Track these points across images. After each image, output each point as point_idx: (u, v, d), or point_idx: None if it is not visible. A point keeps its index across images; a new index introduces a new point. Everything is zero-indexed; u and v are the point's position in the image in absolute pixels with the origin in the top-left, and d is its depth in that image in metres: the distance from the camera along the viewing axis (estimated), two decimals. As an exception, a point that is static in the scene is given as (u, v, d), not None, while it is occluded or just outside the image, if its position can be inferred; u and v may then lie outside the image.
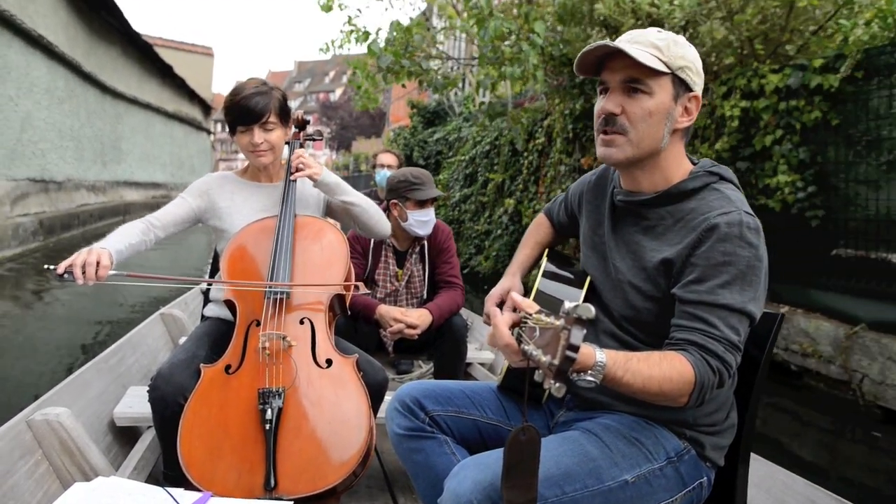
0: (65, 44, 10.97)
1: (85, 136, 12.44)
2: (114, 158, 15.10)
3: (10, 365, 4.80)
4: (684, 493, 1.21)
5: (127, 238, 1.76)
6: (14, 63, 8.90)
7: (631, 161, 1.22)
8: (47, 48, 10.04)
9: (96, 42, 13.14)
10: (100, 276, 1.56)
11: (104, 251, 1.60)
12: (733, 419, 1.29)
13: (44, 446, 1.72)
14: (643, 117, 1.18)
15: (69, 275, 1.54)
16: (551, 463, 1.12)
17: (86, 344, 5.47)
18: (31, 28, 9.24)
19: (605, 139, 1.22)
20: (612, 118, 1.19)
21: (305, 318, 1.74)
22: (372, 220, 2.02)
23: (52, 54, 10.31)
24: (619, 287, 1.28)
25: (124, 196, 14.93)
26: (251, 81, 1.92)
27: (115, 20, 13.46)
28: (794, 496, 1.62)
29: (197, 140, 26.03)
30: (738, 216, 1.13)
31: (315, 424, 1.55)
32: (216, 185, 2.02)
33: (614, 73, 1.19)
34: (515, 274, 1.56)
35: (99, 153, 13.72)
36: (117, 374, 2.35)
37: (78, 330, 5.96)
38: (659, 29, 1.20)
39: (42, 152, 10.05)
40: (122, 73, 15.79)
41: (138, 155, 17.28)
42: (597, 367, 0.99)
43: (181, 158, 23.02)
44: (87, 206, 12.20)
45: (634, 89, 1.17)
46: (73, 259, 1.55)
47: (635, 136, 1.19)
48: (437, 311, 2.46)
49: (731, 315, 1.11)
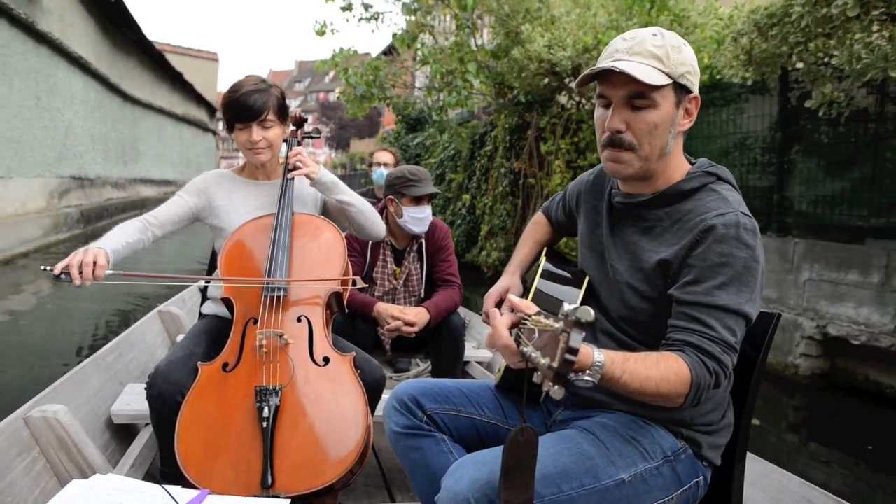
0: (94, 59, 12.71)
1: (110, 139, 14.51)
2: (132, 158, 16.98)
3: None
4: (681, 492, 1.21)
5: (124, 237, 1.76)
6: (60, 80, 10.74)
7: (639, 174, 1.22)
8: (83, 65, 11.91)
9: (118, 54, 15.03)
10: (97, 277, 1.55)
11: (100, 251, 1.59)
12: (730, 419, 1.29)
13: (41, 443, 1.72)
14: (649, 131, 1.16)
15: (66, 275, 1.53)
16: (548, 461, 1.12)
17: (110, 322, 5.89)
18: (72, 50, 11.08)
19: (613, 155, 1.20)
20: (619, 136, 1.17)
21: (303, 315, 1.74)
22: (367, 221, 2.02)
23: (86, 70, 12.19)
24: (616, 287, 1.28)
25: (140, 192, 16.68)
26: (250, 79, 1.91)
27: (133, 34, 15.07)
28: (790, 495, 1.63)
29: (203, 140, 28.00)
30: (734, 217, 1.13)
31: (312, 422, 1.55)
32: (213, 183, 2.01)
33: (616, 88, 1.16)
34: (515, 273, 1.56)
35: (120, 154, 15.65)
36: (114, 371, 2.35)
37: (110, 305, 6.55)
38: (654, 32, 1.17)
39: (80, 154, 11.98)
40: (138, 81, 17.50)
41: (152, 155, 19.20)
42: (595, 367, 0.99)
43: (189, 157, 24.77)
44: (112, 200, 14.15)
45: (638, 105, 1.15)
46: (69, 259, 1.54)
47: (643, 151, 1.18)
48: (435, 310, 2.46)
49: (728, 316, 1.11)
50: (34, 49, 9.57)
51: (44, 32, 9.68)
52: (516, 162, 8.22)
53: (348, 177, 22.65)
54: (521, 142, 8.22)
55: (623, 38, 1.19)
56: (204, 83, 30.21)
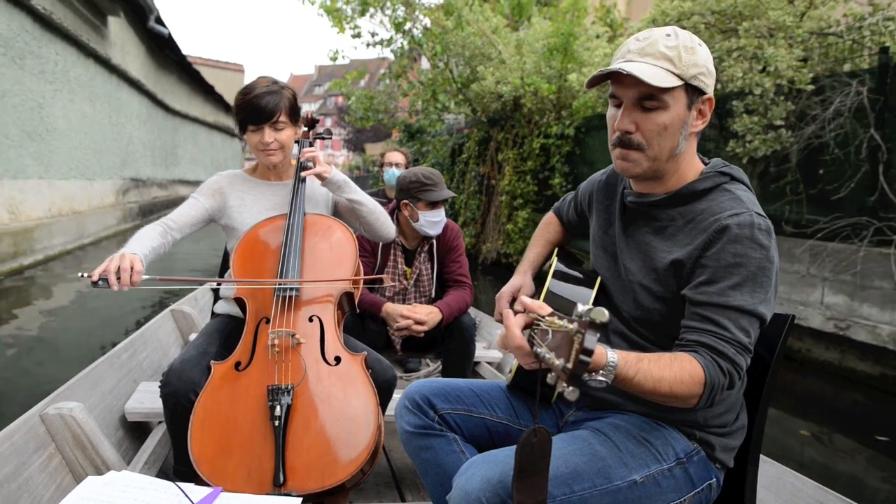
0: (145, 79, 15.44)
1: (156, 147, 17.31)
2: (172, 162, 19.90)
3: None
4: (693, 494, 1.20)
5: (149, 242, 1.77)
6: (124, 101, 13.74)
7: (648, 173, 1.21)
8: (138, 86, 14.76)
9: (161, 73, 17.74)
10: (134, 282, 1.56)
11: (135, 256, 1.61)
12: (743, 421, 1.28)
13: (57, 440, 1.74)
14: (659, 132, 1.16)
15: (104, 281, 1.54)
16: (560, 462, 1.12)
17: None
18: (132, 75, 14.00)
19: (622, 154, 1.20)
20: (628, 137, 1.17)
21: (315, 315, 1.75)
22: (377, 221, 2.03)
23: (140, 89, 15.03)
24: (629, 287, 1.28)
25: (179, 191, 19.33)
26: (262, 80, 1.92)
27: (174, 54, 17.65)
28: (804, 499, 1.61)
29: (231, 145, 31.86)
30: (749, 217, 1.12)
31: (324, 421, 1.56)
32: (226, 184, 2.03)
33: (626, 88, 1.16)
34: (527, 272, 1.56)
35: (163, 159, 18.47)
36: (128, 369, 2.38)
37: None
38: (668, 32, 1.16)
39: (136, 159, 14.87)
40: (177, 94, 20.27)
41: (188, 159, 22.22)
42: (608, 367, 0.99)
43: (219, 161, 28.42)
44: (158, 198, 16.87)
45: (648, 107, 1.15)
46: (106, 265, 1.55)
47: (652, 152, 1.17)
48: (447, 310, 2.46)
49: (742, 317, 1.11)
50: (108, 78, 12.41)
51: (115, 65, 12.58)
52: (482, 167, 10.44)
53: (362, 178, 24.33)
54: (486, 151, 10.50)
55: (636, 38, 1.18)
56: (231, 93, 32.36)
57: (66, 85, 10.04)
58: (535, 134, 9.09)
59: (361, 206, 1.99)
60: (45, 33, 9.03)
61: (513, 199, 9.36)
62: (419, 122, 12.48)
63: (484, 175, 10.34)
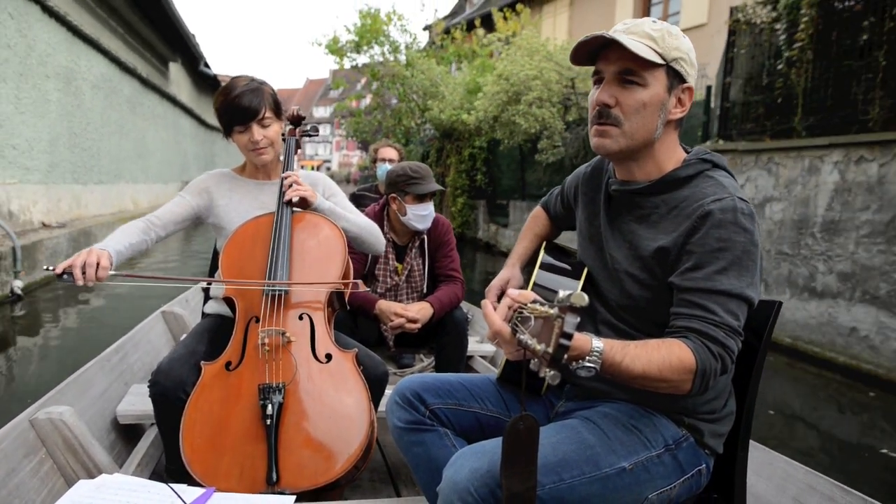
0: (191, 102, 19.84)
1: (199, 156, 21.82)
2: (211, 166, 24.59)
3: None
4: (683, 480, 1.21)
5: (127, 238, 1.76)
6: (181, 124, 18.45)
7: (624, 152, 1.22)
8: (189, 110, 19.30)
9: (201, 95, 22.22)
10: (99, 277, 1.56)
11: (104, 252, 1.60)
12: (732, 406, 1.29)
13: (48, 445, 1.73)
14: (637, 109, 1.17)
15: (68, 275, 1.54)
16: (549, 450, 1.12)
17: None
18: (185, 103, 18.55)
19: (599, 130, 1.21)
20: (606, 110, 1.19)
21: (304, 313, 1.74)
22: (366, 242, 2.02)
23: (190, 113, 19.61)
24: (615, 276, 1.28)
25: None
26: (240, 80, 1.91)
27: (210, 79, 21.75)
28: (795, 483, 1.63)
29: None
30: (731, 202, 1.13)
31: (316, 419, 1.56)
32: (213, 183, 2.02)
33: (609, 63, 1.18)
34: (515, 265, 1.57)
35: (204, 166, 22.46)
36: (119, 372, 2.36)
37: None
38: (654, 19, 1.20)
39: (188, 167, 19.19)
40: (212, 111, 22.31)
41: (220, 165, 25.05)
42: (594, 353, 0.99)
43: None
44: None
45: (629, 81, 1.17)
46: (72, 260, 1.55)
47: (629, 127, 1.19)
48: (438, 305, 2.46)
49: (730, 300, 1.11)
50: (172, 109, 17.22)
51: (177, 99, 17.47)
52: (439, 167, 14.55)
53: (371, 177, 27.78)
54: (441, 156, 14.87)
55: (623, 22, 1.22)
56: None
57: (153, 120, 14.92)
58: (466, 146, 13.81)
59: (348, 231, 1.96)
60: (144, 90, 13.96)
61: (455, 189, 13.82)
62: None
63: (440, 174, 14.44)
